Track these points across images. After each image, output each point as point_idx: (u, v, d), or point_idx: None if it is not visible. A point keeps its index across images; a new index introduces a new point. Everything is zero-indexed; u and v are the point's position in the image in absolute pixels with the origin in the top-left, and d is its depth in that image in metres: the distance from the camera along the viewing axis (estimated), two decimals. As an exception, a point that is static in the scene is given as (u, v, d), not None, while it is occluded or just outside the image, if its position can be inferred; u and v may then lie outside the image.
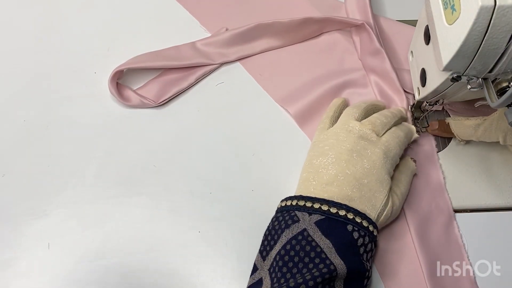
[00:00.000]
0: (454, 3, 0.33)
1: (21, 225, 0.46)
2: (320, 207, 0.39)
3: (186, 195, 0.47)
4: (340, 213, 0.38)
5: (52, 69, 0.55)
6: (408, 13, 0.56)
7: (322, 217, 0.38)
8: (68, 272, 0.44)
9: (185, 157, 0.49)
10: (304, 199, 0.40)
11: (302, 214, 0.39)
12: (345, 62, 0.53)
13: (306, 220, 0.39)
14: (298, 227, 0.38)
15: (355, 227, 0.38)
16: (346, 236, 0.38)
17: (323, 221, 0.38)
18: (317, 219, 0.38)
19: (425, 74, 0.42)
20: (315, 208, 0.39)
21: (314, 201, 0.39)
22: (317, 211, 0.39)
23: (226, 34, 0.54)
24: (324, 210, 0.39)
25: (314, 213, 0.39)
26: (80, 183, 0.48)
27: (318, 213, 0.39)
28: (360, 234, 0.38)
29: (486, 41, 0.31)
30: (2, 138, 0.51)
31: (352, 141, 0.42)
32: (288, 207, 0.40)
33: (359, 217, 0.39)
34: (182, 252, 0.44)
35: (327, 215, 0.38)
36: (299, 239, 0.38)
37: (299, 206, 0.40)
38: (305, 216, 0.39)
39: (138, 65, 0.52)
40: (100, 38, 0.57)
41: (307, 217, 0.39)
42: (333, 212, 0.38)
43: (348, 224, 0.38)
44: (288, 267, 0.37)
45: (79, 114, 0.52)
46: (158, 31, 0.57)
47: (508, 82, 0.34)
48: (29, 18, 0.58)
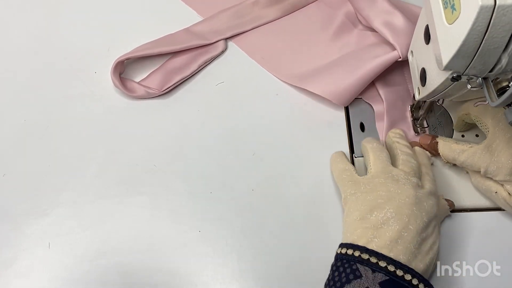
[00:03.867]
0: (454, 2, 0.33)
1: (21, 224, 0.46)
2: (386, 267, 0.36)
3: (186, 195, 0.47)
4: (406, 277, 0.36)
5: (52, 69, 0.55)
6: (408, 13, 0.56)
7: (387, 278, 0.35)
8: (68, 272, 0.44)
9: (185, 157, 0.49)
10: (369, 253, 0.37)
11: (365, 269, 0.36)
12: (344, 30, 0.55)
13: (370, 278, 0.36)
14: (361, 285, 0.35)
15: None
16: None
17: (388, 283, 0.35)
18: (382, 279, 0.35)
19: (425, 74, 0.42)
20: (380, 266, 0.36)
21: (380, 258, 0.36)
22: (383, 270, 0.36)
23: (218, 14, 0.56)
24: (390, 270, 0.36)
25: (378, 272, 0.36)
26: (80, 183, 0.48)
27: (383, 272, 0.36)
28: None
29: (486, 41, 0.31)
30: (2, 138, 0.51)
31: (409, 193, 0.40)
32: (349, 257, 0.38)
33: (422, 285, 0.36)
34: (182, 251, 0.44)
35: (392, 277, 0.36)
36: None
37: (362, 259, 0.37)
38: (368, 272, 0.36)
39: (137, 54, 0.52)
40: (100, 38, 0.57)
41: (370, 274, 0.36)
42: (399, 275, 0.36)
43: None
44: None
45: (79, 114, 0.52)
46: (158, 31, 0.57)
47: (508, 82, 0.34)
48: (29, 18, 0.59)
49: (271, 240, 0.45)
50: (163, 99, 0.53)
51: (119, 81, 0.51)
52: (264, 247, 0.44)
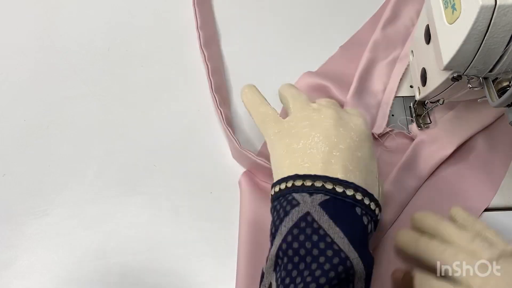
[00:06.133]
0: (454, 2, 0.33)
1: (21, 225, 0.46)
2: (323, 185, 0.33)
3: (186, 195, 0.47)
4: (347, 192, 0.33)
5: (52, 69, 0.55)
6: (408, 13, 0.56)
7: (327, 197, 0.32)
8: (68, 272, 0.44)
9: (185, 157, 0.49)
10: (302, 178, 0.34)
11: (301, 195, 0.33)
12: None
13: (308, 202, 0.32)
14: (300, 211, 0.32)
15: (363, 210, 0.33)
16: (357, 222, 0.33)
17: (329, 202, 0.32)
18: (321, 199, 0.32)
19: (426, 74, 0.42)
20: (316, 187, 0.33)
21: (315, 178, 0.33)
22: (320, 190, 0.33)
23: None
24: (329, 188, 0.33)
25: (316, 193, 0.33)
26: (80, 183, 0.48)
27: (321, 192, 0.32)
28: (368, 219, 0.33)
29: (486, 41, 0.31)
30: (2, 138, 0.51)
31: (331, 115, 0.37)
32: (283, 191, 0.34)
33: (367, 198, 0.33)
34: (182, 252, 0.44)
35: (333, 195, 0.32)
36: (302, 227, 0.32)
37: (296, 187, 0.33)
38: (306, 197, 0.33)
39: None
40: (100, 38, 0.57)
41: (308, 199, 0.32)
42: (340, 192, 0.33)
43: (357, 207, 0.33)
44: (294, 262, 0.31)
45: (79, 114, 0.52)
46: (159, 31, 0.57)
47: (509, 82, 0.34)
48: (29, 18, 0.58)
49: (271, 240, 0.44)
50: (163, 99, 0.52)
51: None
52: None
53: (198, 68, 0.54)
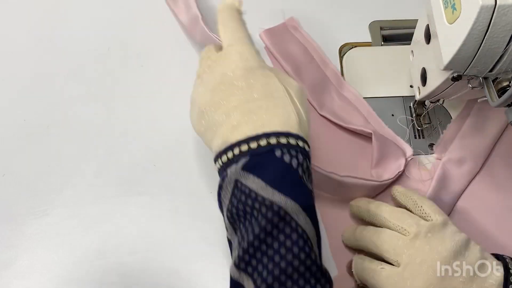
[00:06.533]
0: (454, 2, 0.33)
1: (21, 225, 0.46)
2: (240, 151, 0.33)
3: (186, 195, 0.47)
4: (261, 143, 0.33)
5: (52, 69, 0.55)
6: (408, 13, 0.56)
7: (247, 159, 0.33)
8: (68, 272, 0.44)
9: (185, 157, 0.49)
10: (221, 154, 0.34)
11: (229, 168, 0.33)
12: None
13: (233, 171, 0.33)
14: (229, 182, 0.33)
15: (282, 150, 0.33)
16: (277, 165, 0.32)
17: (250, 162, 0.33)
18: (243, 163, 0.33)
19: (426, 74, 0.42)
20: (236, 155, 0.33)
21: (232, 148, 0.34)
22: (240, 156, 0.33)
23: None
24: (245, 150, 0.33)
25: (239, 161, 0.33)
26: (80, 183, 0.48)
27: (242, 157, 0.33)
28: (291, 154, 0.33)
29: (486, 41, 0.31)
30: (2, 138, 0.50)
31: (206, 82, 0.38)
32: (220, 171, 0.35)
33: (283, 138, 0.33)
34: (182, 252, 0.44)
35: (251, 155, 0.33)
36: (236, 194, 0.33)
37: (225, 163, 0.34)
38: (232, 168, 0.33)
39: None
40: (100, 38, 0.57)
41: (233, 168, 0.33)
42: (255, 148, 0.33)
43: (276, 151, 0.33)
44: (234, 228, 0.33)
45: (79, 114, 0.52)
46: (159, 31, 0.57)
47: (509, 82, 0.34)
48: (29, 18, 0.58)
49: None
50: (163, 99, 0.52)
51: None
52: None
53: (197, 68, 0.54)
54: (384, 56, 0.55)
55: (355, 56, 0.55)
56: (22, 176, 0.48)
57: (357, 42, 0.56)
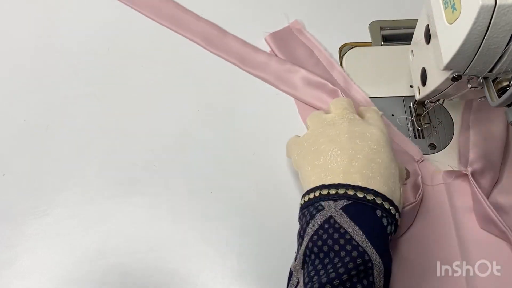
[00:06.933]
0: (454, 2, 0.33)
1: (21, 225, 0.46)
2: (345, 192, 0.36)
3: (186, 195, 0.47)
4: (368, 197, 0.36)
5: (52, 69, 0.55)
6: (408, 13, 0.56)
7: (349, 202, 0.36)
8: (68, 272, 0.44)
9: (185, 157, 0.49)
10: (327, 187, 0.37)
11: (327, 202, 0.36)
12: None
13: (332, 207, 0.36)
14: (324, 215, 0.35)
15: (383, 213, 0.36)
16: (376, 222, 0.35)
17: (350, 207, 0.35)
18: (344, 204, 0.36)
19: (426, 74, 0.42)
20: (340, 194, 0.36)
21: (339, 187, 0.37)
22: (343, 196, 0.36)
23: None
24: (351, 194, 0.36)
25: (339, 199, 0.36)
26: (80, 183, 0.48)
27: (344, 198, 0.36)
28: (388, 221, 0.36)
29: (486, 41, 0.31)
30: (2, 138, 0.51)
31: (346, 130, 0.40)
32: (310, 201, 0.38)
33: (387, 203, 0.36)
34: (182, 252, 0.44)
35: (354, 200, 0.36)
36: (325, 228, 0.35)
37: (322, 196, 0.37)
38: (330, 203, 0.36)
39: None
40: (100, 38, 0.57)
41: (332, 204, 0.36)
42: (361, 197, 0.36)
43: (377, 210, 0.36)
44: (320, 258, 0.35)
45: (79, 114, 0.52)
46: (159, 31, 0.57)
47: (509, 82, 0.34)
48: (29, 18, 0.58)
49: (271, 240, 0.44)
50: (163, 99, 0.52)
51: None
52: (264, 247, 0.44)
53: (198, 68, 0.54)
54: (384, 56, 0.55)
55: (355, 56, 0.55)
56: (22, 176, 0.48)
57: (357, 42, 0.56)
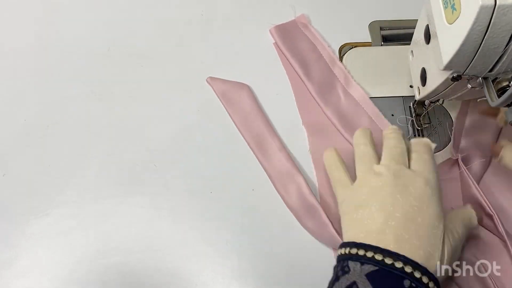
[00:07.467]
0: (454, 2, 0.33)
1: (21, 224, 0.46)
2: (373, 256, 0.34)
3: (186, 195, 0.47)
4: (396, 265, 0.33)
5: (52, 69, 0.55)
6: (408, 13, 0.56)
7: (375, 268, 0.33)
8: (68, 272, 0.44)
9: (185, 157, 0.49)
10: (357, 246, 0.35)
11: (354, 264, 0.34)
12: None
13: (357, 271, 0.34)
14: (348, 280, 0.34)
15: (412, 283, 0.33)
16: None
17: (376, 273, 0.33)
18: (369, 270, 0.33)
19: (425, 74, 0.42)
20: (367, 257, 0.34)
21: (367, 249, 0.35)
22: (370, 260, 0.34)
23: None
24: (378, 260, 0.34)
25: (366, 263, 0.34)
26: (80, 183, 0.48)
27: (371, 263, 0.34)
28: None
29: (486, 41, 0.31)
30: (2, 138, 0.51)
31: (389, 183, 0.38)
32: (342, 256, 0.36)
33: (418, 272, 0.33)
34: (182, 251, 0.44)
35: (381, 266, 0.33)
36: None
37: (351, 254, 0.35)
38: (357, 266, 0.34)
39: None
40: (100, 38, 0.57)
41: (358, 268, 0.34)
42: (388, 264, 0.33)
43: (406, 279, 0.33)
44: None
45: (79, 114, 0.52)
46: (159, 31, 0.57)
47: (509, 82, 0.34)
48: (29, 18, 0.58)
49: (271, 240, 0.45)
50: (163, 99, 0.52)
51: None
52: (264, 247, 0.44)
53: (198, 68, 0.54)
54: (384, 56, 0.55)
55: (355, 56, 0.55)
56: (22, 176, 0.48)
57: (357, 42, 0.56)
